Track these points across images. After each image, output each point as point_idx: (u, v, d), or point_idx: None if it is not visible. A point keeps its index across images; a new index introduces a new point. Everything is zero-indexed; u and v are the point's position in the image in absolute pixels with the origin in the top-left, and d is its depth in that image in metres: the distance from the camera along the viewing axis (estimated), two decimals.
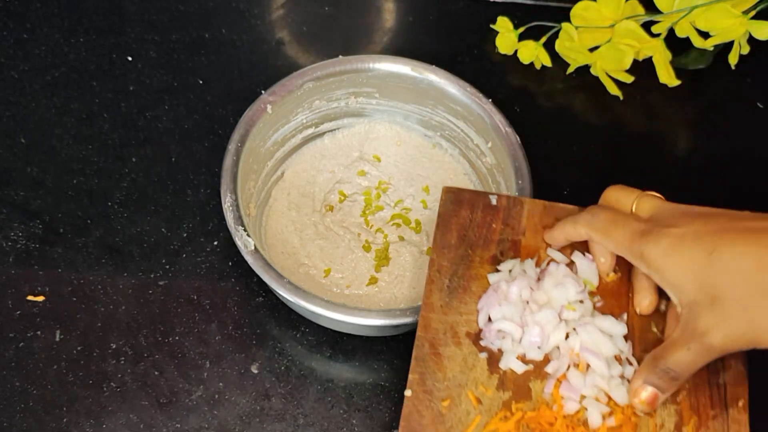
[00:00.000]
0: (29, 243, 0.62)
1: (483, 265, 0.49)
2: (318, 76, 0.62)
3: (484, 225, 0.50)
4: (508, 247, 0.50)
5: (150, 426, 0.54)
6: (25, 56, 0.73)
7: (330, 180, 0.65)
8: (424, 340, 0.46)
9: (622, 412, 0.44)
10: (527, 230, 0.50)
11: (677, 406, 0.44)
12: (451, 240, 0.49)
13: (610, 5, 0.70)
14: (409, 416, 0.44)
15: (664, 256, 0.40)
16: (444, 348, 0.46)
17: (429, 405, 0.44)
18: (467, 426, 0.43)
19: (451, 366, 0.45)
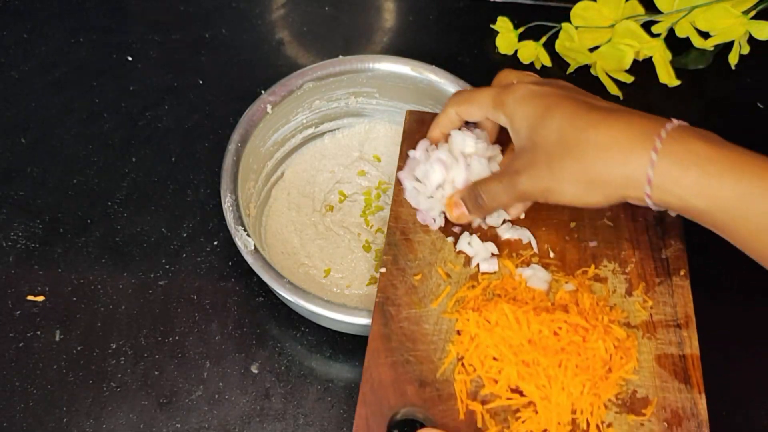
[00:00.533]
0: (29, 243, 0.62)
1: None
2: (318, 76, 0.62)
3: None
4: None
5: (150, 426, 0.54)
6: (27, 56, 0.73)
7: (330, 180, 0.65)
8: (395, 229, 0.52)
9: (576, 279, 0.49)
10: None
11: (626, 275, 0.50)
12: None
13: (610, 5, 0.70)
14: (384, 288, 0.49)
15: (516, 104, 0.45)
16: (414, 235, 0.52)
17: (403, 279, 0.49)
18: (438, 295, 0.49)
19: (420, 249, 0.51)
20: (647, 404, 0.45)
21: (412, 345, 0.47)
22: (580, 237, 0.52)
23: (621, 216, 0.53)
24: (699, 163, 0.38)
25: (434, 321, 0.48)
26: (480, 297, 0.49)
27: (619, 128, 0.40)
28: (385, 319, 0.48)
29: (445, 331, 0.47)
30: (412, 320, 0.48)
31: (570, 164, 0.41)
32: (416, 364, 0.46)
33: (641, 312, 0.49)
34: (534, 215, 0.53)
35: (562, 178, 0.42)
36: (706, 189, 0.38)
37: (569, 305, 0.48)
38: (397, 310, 0.48)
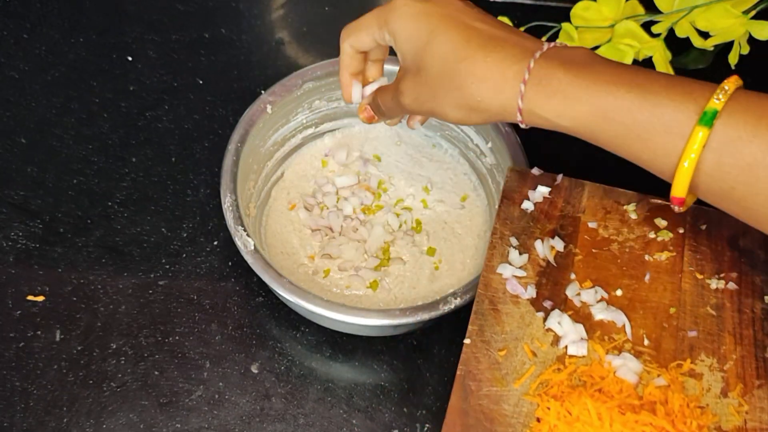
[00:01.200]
0: (29, 243, 0.62)
1: (543, 236, 0.52)
2: (318, 76, 0.62)
3: (546, 201, 0.54)
4: (568, 223, 0.53)
5: (150, 426, 0.54)
6: (26, 56, 0.73)
7: (330, 180, 0.65)
8: (484, 297, 0.50)
9: (669, 373, 0.46)
10: (587, 209, 0.54)
11: (724, 374, 0.47)
12: (514, 212, 0.53)
13: (610, 5, 0.70)
14: (467, 361, 0.47)
15: (400, 23, 0.46)
16: (502, 306, 0.49)
17: (486, 353, 0.47)
18: (522, 374, 0.46)
19: (508, 321, 0.49)
20: None
21: (489, 425, 0.45)
22: (680, 325, 0.49)
23: (726, 305, 0.49)
24: (560, 89, 0.41)
25: (515, 402, 0.45)
26: (565, 382, 0.46)
27: (494, 60, 0.42)
28: (465, 394, 0.46)
29: (524, 414, 0.45)
30: (492, 399, 0.46)
31: (451, 92, 0.44)
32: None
33: (734, 417, 0.45)
34: (631, 295, 0.50)
35: (445, 103, 0.45)
36: (568, 111, 0.41)
37: (657, 404, 0.45)
38: (478, 385, 0.46)
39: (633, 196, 0.55)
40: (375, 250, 0.61)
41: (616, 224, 0.53)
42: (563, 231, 0.53)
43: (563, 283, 0.50)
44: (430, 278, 0.60)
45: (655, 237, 0.53)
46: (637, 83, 0.40)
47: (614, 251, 0.52)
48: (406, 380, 0.57)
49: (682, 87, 0.39)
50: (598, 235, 0.53)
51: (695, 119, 0.38)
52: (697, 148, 0.38)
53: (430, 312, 0.51)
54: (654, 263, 0.51)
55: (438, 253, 0.61)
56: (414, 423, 0.55)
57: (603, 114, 0.40)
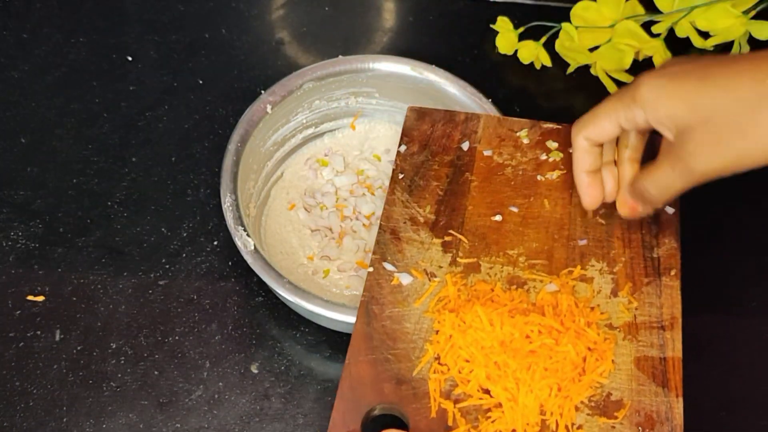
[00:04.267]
0: (29, 243, 0.62)
1: (442, 167, 0.55)
2: (318, 76, 0.62)
3: (444, 136, 0.57)
4: (464, 153, 0.56)
5: (150, 426, 0.54)
6: (26, 56, 0.73)
7: (330, 180, 0.65)
8: (386, 228, 0.53)
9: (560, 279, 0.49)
10: (482, 139, 0.57)
11: (614, 276, 0.50)
12: (413, 149, 0.56)
13: (610, 5, 0.70)
14: (370, 288, 0.50)
15: (657, 90, 0.41)
16: (404, 234, 0.52)
17: (388, 279, 0.50)
18: (422, 294, 0.49)
19: (409, 248, 0.52)
20: (621, 407, 0.45)
21: (392, 343, 0.48)
22: (570, 235, 0.52)
23: (614, 213, 0.52)
24: None
25: (415, 320, 0.48)
26: (462, 297, 0.49)
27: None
28: (368, 318, 0.48)
29: (425, 330, 0.48)
30: (395, 319, 0.48)
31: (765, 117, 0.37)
32: (395, 363, 0.47)
33: (624, 314, 0.48)
34: (524, 213, 0.53)
35: (759, 133, 0.38)
36: None
37: (547, 307, 0.48)
38: (381, 309, 0.49)
39: (526, 122, 0.58)
40: None
41: (510, 150, 0.56)
42: (460, 161, 0.56)
43: (460, 209, 0.53)
44: None
45: (547, 158, 0.56)
46: None
47: (508, 175, 0.55)
48: None
49: None
50: (493, 161, 0.56)
51: None
52: None
53: None
54: (545, 182, 0.55)
55: None
56: None
57: None
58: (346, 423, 0.45)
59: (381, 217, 0.53)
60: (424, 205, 0.53)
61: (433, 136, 0.57)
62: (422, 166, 0.55)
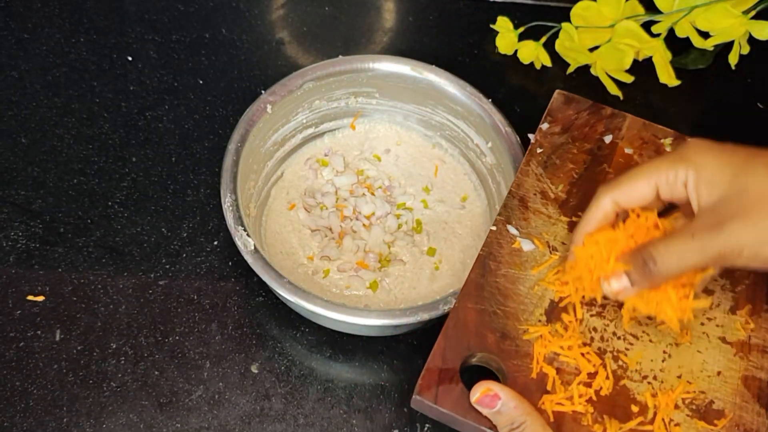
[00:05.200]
0: (30, 243, 0.62)
1: (580, 153, 0.56)
2: (318, 76, 0.62)
3: (587, 125, 0.57)
4: (605, 145, 0.56)
5: (150, 426, 0.54)
6: (26, 56, 0.73)
7: (330, 180, 0.65)
8: (516, 195, 0.53)
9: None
10: (625, 137, 0.57)
11: (734, 294, 0.50)
12: (555, 129, 0.57)
13: (610, 5, 0.70)
14: (490, 244, 0.50)
15: (706, 151, 0.40)
16: (532, 204, 0.53)
17: (509, 241, 0.50)
18: (540, 264, 0.50)
19: (534, 218, 0.52)
20: (721, 417, 0.45)
21: (503, 299, 0.48)
22: None
23: None
24: None
25: (530, 285, 0.49)
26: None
27: None
28: (483, 271, 0.49)
29: (537, 296, 0.48)
30: (509, 279, 0.49)
31: None
32: (502, 317, 0.47)
33: (740, 331, 0.48)
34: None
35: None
36: None
37: None
38: (497, 266, 0.49)
39: (670, 132, 0.58)
40: (375, 251, 0.61)
41: (650, 153, 0.56)
42: (599, 151, 0.56)
43: (592, 195, 0.50)
44: (430, 278, 0.60)
45: None
46: None
47: None
48: (406, 380, 0.57)
49: None
50: (633, 160, 0.56)
51: None
52: None
53: (430, 312, 0.51)
54: None
55: (438, 253, 0.61)
56: (414, 423, 0.55)
57: None
58: (446, 361, 0.45)
59: (512, 184, 0.53)
60: (557, 183, 0.54)
61: (577, 123, 0.58)
62: (561, 147, 0.56)
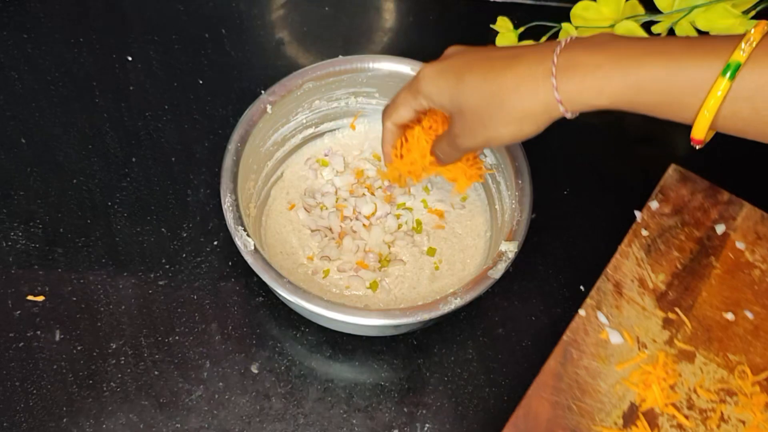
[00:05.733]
0: (30, 243, 0.62)
1: (688, 240, 0.53)
2: (318, 76, 0.62)
3: (700, 209, 0.55)
4: (715, 236, 0.54)
5: (150, 426, 0.54)
6: (26, 56, 0.73)
7: (330, 180, 0.65)
8: (611, 278, 0.51)
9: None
10: (739, 229, 0.54)
11: None
12: (665, 209, 0.55)
13: (610, 5, 0.70)
14: (576, 330, 0.48)
15: (428, 86, 0.50)
16: (627, 291, 0.51)
17: (596, 329, 0.48)
18: (626, 360, 0.48)
19: (628, 308, 0.50)
20: None
21: (580, 394, 0.46)
22: None
23: None
24: (590, 71, 0.42)
25: (611, 382, 0.47)
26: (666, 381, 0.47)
27: (521, 68, 0.45)
28: (564, 360, 0.47)
29: (618, 396, 0.46)
30: (591, 372, 0.47)
31: (496, 114, 0.46)
32: (576, 414, 0.46)
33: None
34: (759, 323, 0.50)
35: (495, 125, 0.47)
36: (605, 90, 0.42)
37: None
38: (580, 355, 0.47)
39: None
40: (375, 251, 0.61)
41: (764, 252, 0.53)
42: (709, 242, 0.53)
43: (693, 291, 0.50)
44: (430, 278, 0.60)
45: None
46: (662, 51, 0.41)
47: (754, 277, 0.52)
48: (406, 380, 0.57)
49: (704, 46, 0.40)
50: (743, 257, 0.53)
51: (719, 73, 0.39)
52: (720, 95, 0.39)
53: (430, 312, 0.51)
54: None
55: (438, 253, 0.61)
56: (414, 423, 0.55)
57: (636, 86, 0.41)
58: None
59: (609, 265, 0.51)
60: (658, 271, 0.52)
61: (690, 206, 0.55)
62: (668, 231, 0.54)
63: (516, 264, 0.53)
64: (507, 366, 0.57)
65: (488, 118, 0.47)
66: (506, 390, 0.56)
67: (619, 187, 0.65)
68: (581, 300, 0.60)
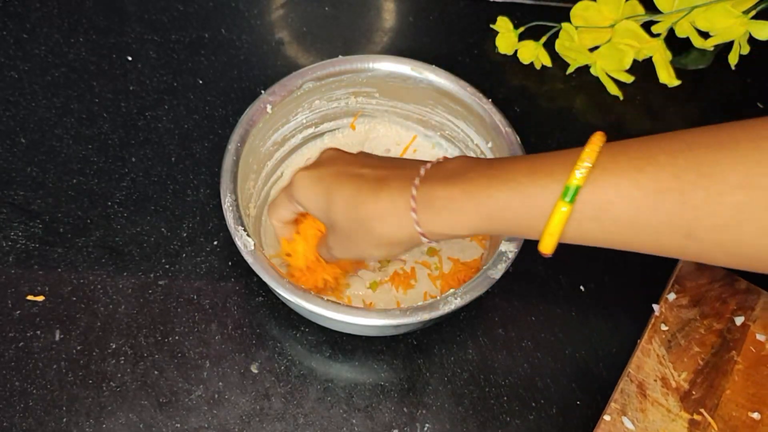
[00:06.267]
0: (29, 243, 0.62)
1: (709, 334, 0.51)
2: (318, 76, 0.62)
3: (719, 299, 0.53)
4: (736, 328, 0.52)
5: (150, 426, 0.54)
6: (25, 56, 0.73)
7: None
8: (635, 379, 0.49)
9: None
10: (759, 319, 0.52)
11: None
12: (683, 301, 0.53)
13: (610, 5, 0.70)
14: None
15: (302, 193, 0.50)
16: (651, 392, 0.49)
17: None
18: None
19: (653, 410, 0.48)
20: None
21: None
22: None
23: None
24: (444, 205, 0.44)
25: None
26: None
27: (384, 199, 0.46)
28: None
29: None
30: None
31: (364, 237, 0.47)
32: None
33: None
34: None
35: (365, 248, 0.48)
36: (460, 223, 0.44)
37: None
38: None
39: None
40: None
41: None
42: (729, 335, 0.52)
43: (718, 389, 0.49)
44: (430, 278, 0.60)
45: None
46: (507, 179, 0.42)
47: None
48: (406, 380, 0.57)
49: (543, 170, 0.41)
50: (765, 349, 0.52)
51: (558, 197, 0.40)
52: (560, 219, 0.39)
53: (430, 312, 0.51)
54: None
55: (438, 253, 0.61)
56: (414, 423, 0.55)
57: (488, 216, 0.43)
58: None
59: (630, 364, 0.50)
60: (681, 369, 0.50)
61: (708, 296, 0.53)
62: (688, 325, 0.52)
63: (516, 264, 0.53)
64: (507, 366, 0.57)
65: (359, 240, 0.48)
66: (506, 390, 0.56)
67: None
68: (581, 300, 0.60)
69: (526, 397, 0.56)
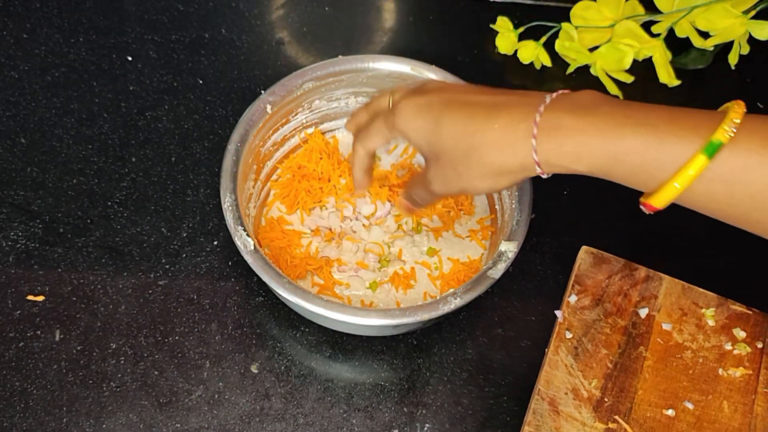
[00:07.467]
0: (29, 243, 0.62)
1: (614, 333, 0.50)
2: (318, 76, 0.62)
3: (620, 293, 0.52)
4: (641, 321, 0.51)
5: (150, 426, 0.54)
6: (26, 56, 0.73)
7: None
8: (546, 395, 0.48)
9: None
10: (663, 308, 0.52)
11: None
12: (585, 301, 0.52)
13: (610, 5, 0.70)
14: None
15: (407, 123, 0.47)
16: (564, 407, 0.48)
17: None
18: None
19: (567, 427, 0.47)
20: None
21: None
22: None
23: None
24: (570, 136, 0.42)
25: None
26: None
27: (502, 125, 0.44)
28: None
29: None
30: None
31: (473, 167, 0.45)
32: None
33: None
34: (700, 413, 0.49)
35: (471, 177, 0.46)
36: (583, 157, 0.42)
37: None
38: None
39: (713, 299, 0.53)
40: (375, 251, 0.61)
41: (691, 329, 0.51)
42: (635, 330, 0.51)
43: (629, 391, 0.48)
44: (430, 278, 0.60)
45: (732, 349, 0.51)
46: (643, 122, 0.40)
47: (687, 360, 0.51)
48: (406, 380, 0.57)
49: (685, 121, 0.39)
50: (672, 339, 0.51)
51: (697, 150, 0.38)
52: (692, 174, 0.38)
53: (430, 312, 0.51)
54: (727, 379, 0.50)
55: (438, 254, 0.61)
56: (414, 422, 0.55)
57: (615, 156, 0.41)
58: None
59: (539, 380, 0.49)
60: (590, 377, 0.50)
61: (609, 291, 0.53)
62: (593, 326, 0.51)
63: (515, 264, 0.53)
64: (507, 366, 0.57)
65: (465, 169, 0.46)
66: (506, 390, 0.56)
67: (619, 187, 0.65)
68: None
69: (526, 397, 0.56)
